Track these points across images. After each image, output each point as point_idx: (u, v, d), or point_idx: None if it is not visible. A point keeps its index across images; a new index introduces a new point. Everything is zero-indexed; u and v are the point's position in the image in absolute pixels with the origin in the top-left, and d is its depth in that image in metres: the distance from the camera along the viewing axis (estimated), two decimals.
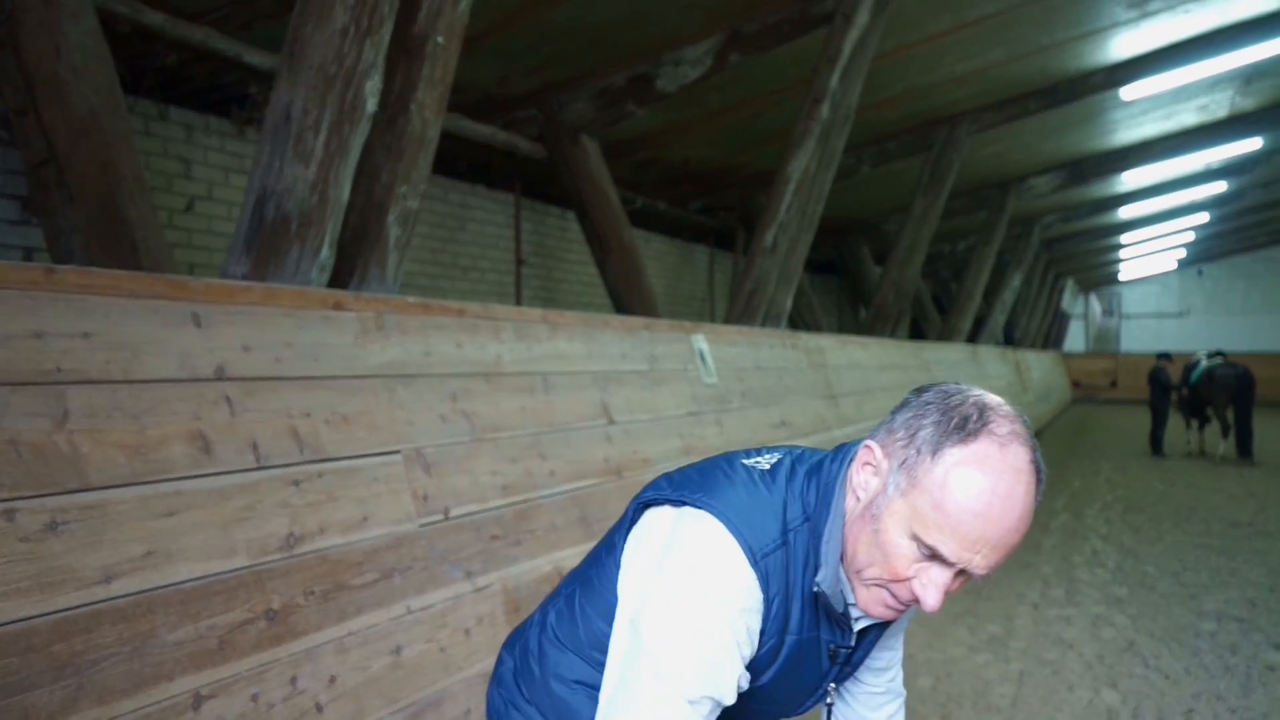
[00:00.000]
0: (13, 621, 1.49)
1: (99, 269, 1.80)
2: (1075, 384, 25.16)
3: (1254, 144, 11.64)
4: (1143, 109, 9.89)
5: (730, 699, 1.03)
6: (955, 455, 0.97)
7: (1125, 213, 16.10)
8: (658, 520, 1.10)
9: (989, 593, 6.00)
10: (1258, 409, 12.01)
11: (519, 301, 8.39)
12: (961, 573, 1.00)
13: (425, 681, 2.20)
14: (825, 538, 1.07)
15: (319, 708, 1.93)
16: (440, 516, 2.43)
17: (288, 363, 2.14)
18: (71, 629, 1.55)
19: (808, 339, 5.81)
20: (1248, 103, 10.39)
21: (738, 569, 1.01)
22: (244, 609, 1.85)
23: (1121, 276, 28.12)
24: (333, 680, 1.98)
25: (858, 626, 1.15)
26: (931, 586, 1.00)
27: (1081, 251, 20.95)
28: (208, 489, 1.86)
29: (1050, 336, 25.02)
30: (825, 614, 1.11)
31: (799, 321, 11.20)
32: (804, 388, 5.43)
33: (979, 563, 0.98)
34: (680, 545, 1.04)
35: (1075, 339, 29.44)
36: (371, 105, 2.49)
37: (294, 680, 1.90)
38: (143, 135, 4.96)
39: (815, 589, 1.07)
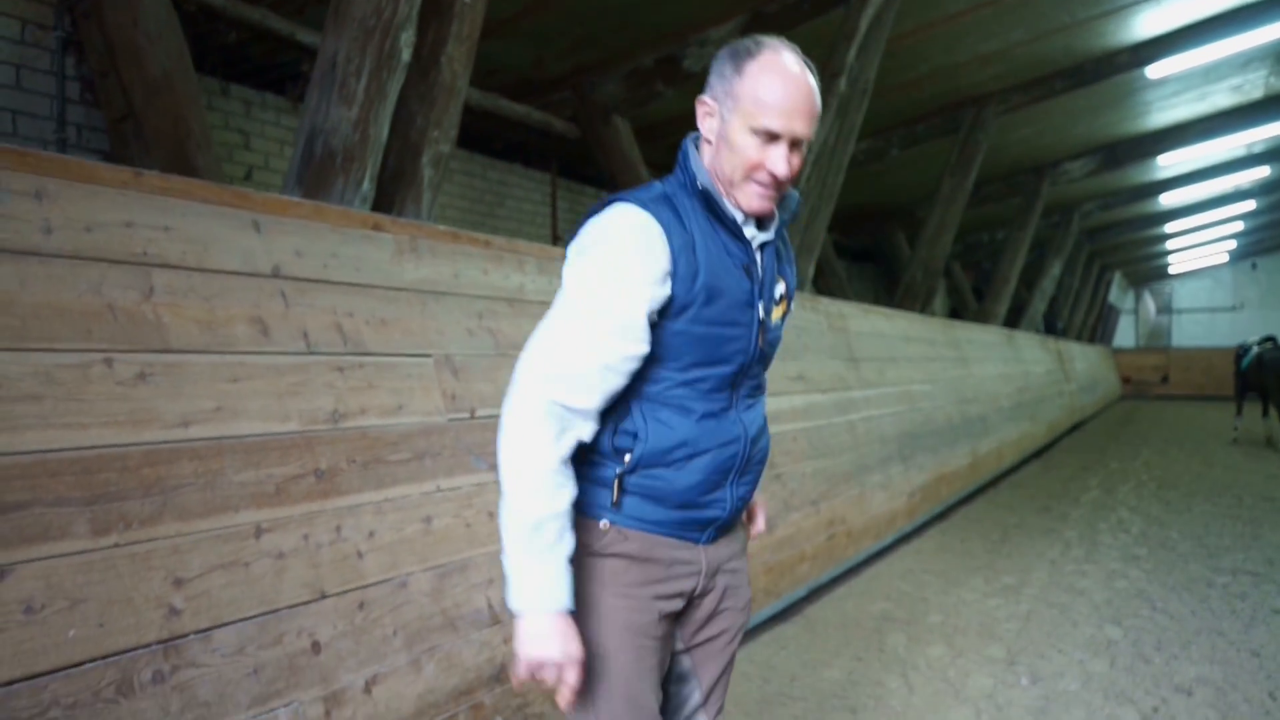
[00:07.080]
0: (113, 445, 1.83)
1: (177, 176, 2.15)
2: (1125, 380, 24.41)
3: None
4: (1174, 90, 9.92)
5: (649, 300, 1.40)
6: (752, 65, 1.42)
7: (1167, 199, 15.97)
8: None
9: (1008, 550, 6.16)
10: None
11: None
12: (793, 145, 1.43)
13: (452, 549, 2.52)
14: (694, 169, 1.50)
15: (359, 554, 2.25)
16: (467, 415, 2.74)
17: (334, 269, 2.48)
18: (157, 459, 1.90)
19: (828, 304, 6.03)
20: None
21: (631, 213, 1.41)
22: (297, 465, 2.18)
23: (1171, 270, 27.67)
24: (371, 535, 2.30)
25: (751, 235, 1.51)
26: (777, 159, 1.42)
27: (1126, 243, 20.73)
28: (265, 364, 2.20)
29: (1098, 330, 24.70)
30: (725, 229, 1.47)
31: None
32: (823, 348, 5.65)
33: (800, 128, 1.42)
34: (588, 227, 1.46)
35: (1126, 335, 29.00)
36: (406, 55, 2.83)
37: (339, 529, 2.22)
38: (206, 109, 5.37)
39: (700, 187, 1.46)
